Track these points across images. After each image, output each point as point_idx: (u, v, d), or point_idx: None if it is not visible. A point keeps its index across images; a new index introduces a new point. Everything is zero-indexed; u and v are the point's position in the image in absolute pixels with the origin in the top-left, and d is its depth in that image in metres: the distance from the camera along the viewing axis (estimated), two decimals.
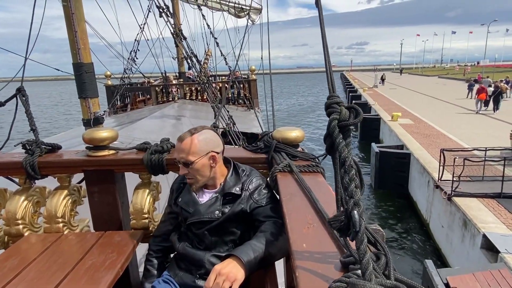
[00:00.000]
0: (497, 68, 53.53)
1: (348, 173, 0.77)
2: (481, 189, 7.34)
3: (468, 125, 15.34)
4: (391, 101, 26.07)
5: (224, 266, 1.18)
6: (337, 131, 0.82)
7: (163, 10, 7.44)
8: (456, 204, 6.94)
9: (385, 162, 11.50)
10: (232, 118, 6.79)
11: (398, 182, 11.47)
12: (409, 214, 10.36)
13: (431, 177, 8.76)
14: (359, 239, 0.70)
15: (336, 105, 0.86)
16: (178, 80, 15.31)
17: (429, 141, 12.35)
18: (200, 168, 1.45)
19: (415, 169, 10.54)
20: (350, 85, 47.48)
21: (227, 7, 15.49)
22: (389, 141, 15.35)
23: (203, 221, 1.47)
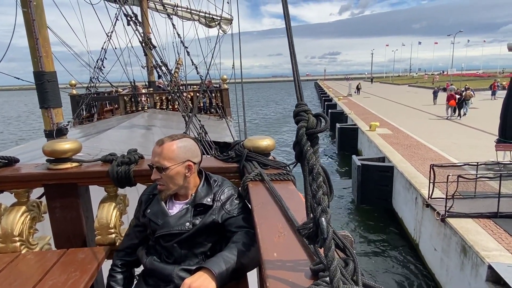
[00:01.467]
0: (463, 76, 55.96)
1: (316, 180, 0.78)
2: (475, 208, 6.75)
3: (444, 134, 15.17)
4: (367, 110, 26.00)
5: (195, 280, 1.15)
6: (305, 138, 0.83)
7: (131, 18, 7.17)
8: (452, 226, 6.28)
9: (368, 175, 10.87)
10: (204, 127, 6.52)
11: (381, 197, 10.86)
12: (395, 232, 9.70)
13: (419, 193, 8.14)
14: (327, 246, 0.71)
15: (304, 113, 0.87)
16: (148, 89, 14.81)
17: (411, 153, 11.90)
18: (174, 176, 1.42)
19: (399, 183, 9.95)
20: (324, 94, 47.73)
21: (197, 17, 15.58)
22: (369, 152, 14.86)
23: (173, 234, 1.42)
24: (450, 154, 11.51)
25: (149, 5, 14.88)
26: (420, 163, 10.54)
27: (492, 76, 64.29)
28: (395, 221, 10.12)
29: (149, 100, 13.34)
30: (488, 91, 30.60)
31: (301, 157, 0.83)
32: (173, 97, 9.23)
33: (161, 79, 10.85)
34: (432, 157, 11.21)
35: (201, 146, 5.05)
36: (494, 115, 21.55)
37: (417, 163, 10.55)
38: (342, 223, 10.73)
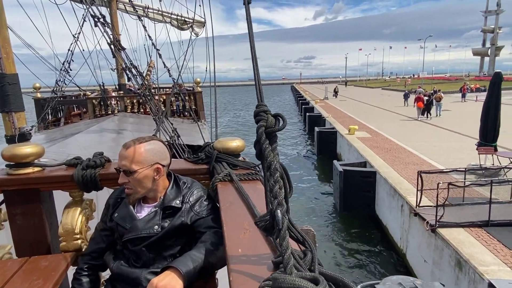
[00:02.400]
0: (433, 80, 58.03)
1: (273, 175, 0.81)
2: (464, 216, 6.44)
3: (422, 136, 15.18)
4: (344, 113, 26.01)
5: (162, 279, 1.13)
6: (264, 137, 0.86)
7: (98, 19, 6.95)
8: (443, 237, 5.91)
9: (350, 181, 10.49)
10: (176, 130, 6.30)
11: (364, 203, 10.51)
12: (380, 240, 9.33)
13: (405, 201, 7.78)
14: (281, 236, 0.75)
15: (263, 113, 0.90)
16: (118, 92, 14.28)
17: (392, 157, 11.66)
18: (142, 179, 1.40)
19: (382, 189, 9.61)
20: (301, 97, 47.84)
21: (169, 19, 15.37)
22: (349, 156, 14.58)
23: (141, 237, 1.39)
24: (431, 157, 11.37)
25: (119, 6, 14.39)
26: (402, 167, 10.28)
27: (459, 79, 67.24)
28: (379, 229, 9.77)
29: (119, 103, 12.93)
30: (458, 94, 31.61)
31: (261, 154, 0.86)
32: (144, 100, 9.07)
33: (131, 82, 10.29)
34: (414, 161, 11.01)
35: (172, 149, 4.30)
36: (466, 117, 22.19)
37: (400, 167, 10.29)
38: (325, 231, 10.27)
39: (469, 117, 21.42)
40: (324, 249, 9.34)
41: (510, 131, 14.51)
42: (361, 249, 9.16)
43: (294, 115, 41.25)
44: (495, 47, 76.33)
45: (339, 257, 9.04)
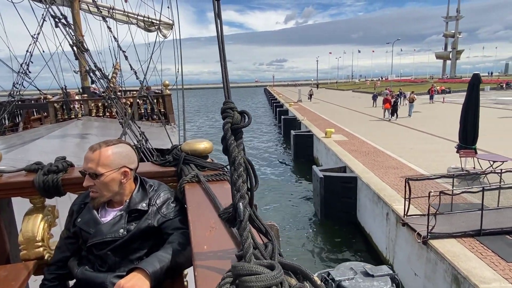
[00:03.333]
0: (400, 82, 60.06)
1: (237, 170, 0.84)
2: (454, 224, 6.09)
3: (397, 138, 15.15)
4: (319, 115, 25.88)
5: (128, 280, 1.10)
6: (229, 133, 0.89)
7: (59, 19, 6.71)
8: (437, 250, 5.49)
9: (330, 188, 10.03)
10: (144, 134, 6.10)
11: (345, 210, 10.09)
12: (364, 249, 8.90)
13: (390, 209, 7.38)
14: (242, 227, 0.78)
15: (230, 110, 0.92)
16: (82, 96, 13.67)
17: (371, 160, 11.36)
18: (108, 182, 1.37)
19: (364, 195, 9.22)
20: (275, 100, 47.64)
21: (135, 20, 15.06)
22: (327, 160, 14.21)
23: (106, 242, 1.36)
24: (409, 160, 11.19)
25: (82, 7, 13.73)
26: (383, 172, 9.97)
27: (424, 81, 70.20)
28: (362, 237, 9.36)
29: (83, 107, 12.49)
30: (426, 96, 32.59)
31: (226, 150, 0.88)
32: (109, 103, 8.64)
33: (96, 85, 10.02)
34: (393, 164, 10.77)
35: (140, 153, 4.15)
36: (436, 118, 22.74)
37: (380, 172, 9.97)
38: (306, 240, 9.73)
39: (438, 119, 21.96)
40: (305, 258, 8.79)
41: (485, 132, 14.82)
42: (345, 258, 8.69)
43: (269, 118, 40.89)
44: (456, 51, 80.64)
45: (320, 267, 8.51)
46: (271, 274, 0.66)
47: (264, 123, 36.28)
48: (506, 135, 14.73)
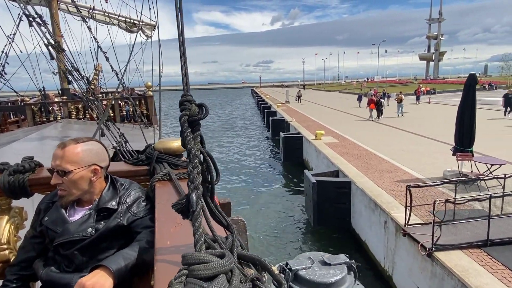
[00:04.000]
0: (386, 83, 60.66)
1: (192, 161, 0.84)
2: (459, 234, 5.71)
3: (387, 140, 14.89)
4: (307, 117, 25.54)
5: (90, 278, 1.07)
6: (186, 125, 0.89)
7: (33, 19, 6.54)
8: (444, 264, 5.08)
9: (324, 193, 9.59)
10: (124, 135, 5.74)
11: (339, 216, 9.67)
12: (361, 257, 8.47)
13: (389, 217, 6.97)
14: (194, 217, 0.78)
15: (187, 102, 0.92)
16: (61, 98, 13.39)
17: (364, 164, 10.99)
18: (77, 180, 1.35)
19: (359, 201, 8.81)
20: (262, 101, 47.23)
21: (117, 21, 14.90)
22: (318, 163, 13.80)
23: (73, 241, 1.32)
24: (403, 163, 10.87)
25: (60, 7, 13.43)
26: (377, 176, 9.59)
27: (409, 82, 71.20)
28: (358, 244, 8.94)
29: (62, 109, 12.21)
30: (412, 96, 32.78)
31: (183, 142, 0.89)
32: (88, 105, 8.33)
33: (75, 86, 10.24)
34: (387, 168, 10.42)
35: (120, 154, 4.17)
36: (423, 119, 22.72)
37: (375, 176, 9.59)
38: (299, 248, 9.24)
39: (426, 119, 21.95)
40: None
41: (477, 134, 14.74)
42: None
43: (257, 120, 40.40)
44: (439, 52, 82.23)
45: None
46: (220, 262, 0.66)
47: (252, 125, 35.77)
48: (498, 137, 14.67)
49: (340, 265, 3.33)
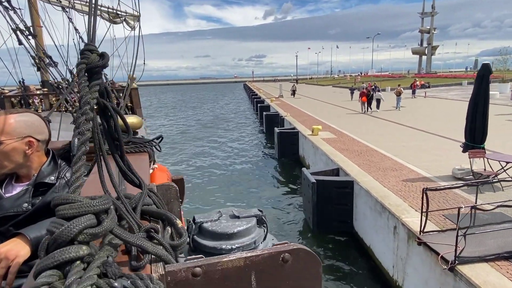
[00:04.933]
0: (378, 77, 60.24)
1: (82, 108, 0.81)
2: (483, 245, 5.03)
3: (387, 135, 14.25)
4: (302, 111, 24.80)
5: (4, 245, 1.06)
6: (82, 73, 0.86)
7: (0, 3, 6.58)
8: (471, 281, 4.40)
9: (324, 194, 8.88)
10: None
11: (340, 219, 8.98)
12: (364, 264, 7.81)
13: (399, 222, 6.27)
14: (74, 161, 0.76)
15: (88, 52, 0.89)
16: (42, 90, 13.01)
17: (365, 161, 10.30)
18: (9, 152, 1.30)
19: (364, 202, 8.12)
20: (255, 95, 46.35)
21: (99, 11, 14.00)
22: (315, 160, 13.09)
23: (8, 216, 1.30)
24: (407, 160, 10.21)
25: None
26: (381, 175, 8.91)
27: (402, 76, 70.98)
28: (361, 249, 8.27)
29: (43, 101, 11.89)
30: (408, 90, 32.28)
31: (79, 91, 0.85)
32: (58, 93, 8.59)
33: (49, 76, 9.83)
34: (391, 166, 9.74)
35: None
36: (421, 113, 22.17)
37: (379, 175, 8.90)
38: None
39: (424, 114, 21.40)
40: None
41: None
42: (343, 274, 7.57)
43: (250, 114, 39.54)
44: (431, 46, 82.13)
45: None
46: (89, 203, 0.65)
47: (245, 120, 34.91)
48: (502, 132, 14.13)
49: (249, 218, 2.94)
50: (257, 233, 1.69)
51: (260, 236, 1.71)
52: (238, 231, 1.56)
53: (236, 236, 1.56)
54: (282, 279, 0.95)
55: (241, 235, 1.57)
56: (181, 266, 0.83)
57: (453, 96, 33.33)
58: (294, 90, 39.87)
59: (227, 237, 1.55)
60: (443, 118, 19.13)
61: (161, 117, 40.35)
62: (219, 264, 0.87)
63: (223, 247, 1.50)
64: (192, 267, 0.83)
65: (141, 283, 0.64)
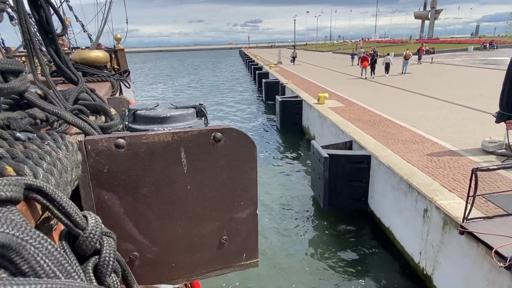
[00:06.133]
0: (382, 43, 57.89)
1: None
2: None
3: (400, 103, 13.17)
4: (304, 78, 23.41)
5: None
6: None
7: None
8: None
9: (337, 170, 7.97)
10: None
11: (354, 196, 8.15)
12: (382, 246, 7.07)
13: (432, 204, 5.39)
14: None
15: None
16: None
17: (381, 133, 9.32)
18: None
19: (383, 180, 7.23)
20: (252, 62, 44.38)
21: None
22: (322, 132, 12.08)
23: None
24: (427, 131, 9.24)
25: None
26: (402, 148, 7.96)
27: (404, 42, 68.45)
28: (378, 229, 7.51)
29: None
30: (414, 56, 30.71)
31: None
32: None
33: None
34: (410, 137, 8.77)
35: None
36: (431, 79, 20.89)
37: (399, 148, 7.95)
38: (305, 236, 7.81)
39: (434, 80, 20.15)
40: (305, 261, 6.89)
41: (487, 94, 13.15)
42: (358, 256, 6.86)
43: (247, 81, 37.90)
44: (435, 10, 78.72)
45: (326, 273, 6.67)
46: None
47: (242, 88, 33.39)
48: None
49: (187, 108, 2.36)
50: (194, 122, 1.50)
51: (198, 125, 1.52)
52: (172, 115, 1.37)
53: (170, 120, 1.37)
54: (215, 159, 0.95)
55: (175, 120, 1.39)
56: (102, 136, 0.83)
57: (460, 62, 31.85)
58: (294, 57, 37.75)
59: (159, 121, 1.36)
60: (456, 85, 17.97)
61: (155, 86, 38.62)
62: (144, 137, 0.85)
63: (155, 129, 1.27)
64: (115, 138, 0.83)
65: (48, 137, 0.66)
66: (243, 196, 1.02)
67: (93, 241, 0.57)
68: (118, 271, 0.65)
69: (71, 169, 0.66)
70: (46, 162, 0.59)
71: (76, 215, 0.55)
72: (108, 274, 0.59)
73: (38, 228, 0.58)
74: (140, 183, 0.87)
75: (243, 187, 1.02)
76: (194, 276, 1.00)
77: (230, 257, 1.04)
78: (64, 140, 0.66)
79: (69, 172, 0.64)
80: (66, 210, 0.53)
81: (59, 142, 0.65)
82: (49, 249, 0.43)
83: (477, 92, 15.23)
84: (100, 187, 0.82)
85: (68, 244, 0.55)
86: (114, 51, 11.01)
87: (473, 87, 16.86)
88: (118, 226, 0.86)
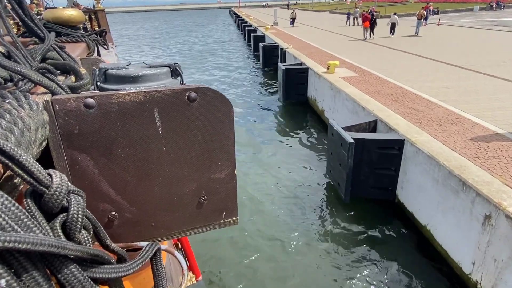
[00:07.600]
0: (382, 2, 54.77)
1: None
2: None
3: (419, 72, 11.83)
4: (306, 42, 21.53)
5: None
6: None
7: None
8: None
9: (362, 156, 6.83)
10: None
11: (380, 185, 7.11)
12: (417, 247, 6.14)
13: (499, 210, 4.34)
14: None
15: None
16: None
17: (409, 110, 8.09)
18: None
19: (420, 169, 6.13)
20: (245, 23, 41.49)
21: None
22: (334, 106, 10.78)
23: None
24: (462, 108, 8.05)
25: None
26: (440, 131, 6.78)
27: (404, 1, 65.07)
28: (408, 224, 6.56)
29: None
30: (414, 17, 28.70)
31: None
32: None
33: None
34: (444, 116, 7.57)
35: None
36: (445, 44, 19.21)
37: (436, 131, 6.78)
38: (323, 232, 6.86)
39: (448, 44, 18.57)
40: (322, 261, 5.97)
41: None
42: (387, 255, 5.95)
43: (241, 45, 35.49)
44: None
45: (346, 274, 5.77)
46: None
47: (236, 53, 31.18)
48: None
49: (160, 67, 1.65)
50: (169, 81, 1.28)
51: (172, 84, 1.27)
52: (144, 74, 1.20)
53: (142, 80, 1.19)
54: (190, 119, 0.94)
55: (147, 79, 1.20)
56: (70, 96, 0.80)
57: (468, 23, 29.97)
58: (294, 18, 34.79)
59: (131, 80, 1.18)
60: (474, 50, 16.54)
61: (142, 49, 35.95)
62: (115, 97, 0.83)
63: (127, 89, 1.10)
64: (83, 98, 0.80)
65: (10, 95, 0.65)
66: (221, 157, 1.04)
67: (59, 199, 0.57)
68: (89, 228, 0.65)
69: (35, 129, 0.66)
70: (5, 121, 0.60)
71: (39, 173, 0.54)
72: (77, 230, 0.59)
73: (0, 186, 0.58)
74: (113, 144, 0.87)
75: (220, 148, 1.02)
76: (174, 234, 1.02)
77: (209, 216, 1.07)
78: (28, 99, 0.66)
79: (32, 131, 0.65)
80: (27, 168, 0.53)
81: (22, 101, 0.65)
82: (6, 204, 0.44)
83: (499, 58, 13.91)
84: (72, 148, 0.81)
85: (34, 202, 0.55)
86: (94, 11, 9.22)
87: (492, 53, 15.49)
88: (94, 187, 0.86)
